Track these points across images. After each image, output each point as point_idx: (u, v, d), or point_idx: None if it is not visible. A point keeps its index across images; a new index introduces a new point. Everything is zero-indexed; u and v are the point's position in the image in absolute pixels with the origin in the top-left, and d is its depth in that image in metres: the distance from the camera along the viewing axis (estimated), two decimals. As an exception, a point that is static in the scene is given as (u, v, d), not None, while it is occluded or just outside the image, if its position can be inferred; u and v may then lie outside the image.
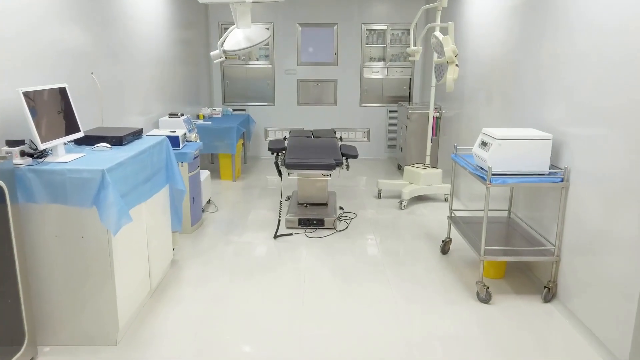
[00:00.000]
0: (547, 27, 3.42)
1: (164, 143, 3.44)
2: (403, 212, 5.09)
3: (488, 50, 4.55)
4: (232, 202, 5.39)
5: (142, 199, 3.03)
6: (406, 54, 7.40)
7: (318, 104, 7.53)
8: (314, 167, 4.17)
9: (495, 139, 3.16)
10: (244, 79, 7.46)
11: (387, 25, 7.26)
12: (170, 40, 5.45)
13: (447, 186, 5.37)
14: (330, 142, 4.76)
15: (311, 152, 4.47)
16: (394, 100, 7.52)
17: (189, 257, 3.92)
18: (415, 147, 6.39)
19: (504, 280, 3.55)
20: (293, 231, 4.50)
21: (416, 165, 5.50)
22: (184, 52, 6.00)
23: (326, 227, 4.56)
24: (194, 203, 4.45)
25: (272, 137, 7.65)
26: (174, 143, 4.30)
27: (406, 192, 5.15)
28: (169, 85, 5.41)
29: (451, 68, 4.07)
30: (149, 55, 4.81)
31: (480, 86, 4.77)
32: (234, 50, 4.58)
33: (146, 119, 4.71)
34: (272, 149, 4.56)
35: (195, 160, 4.46)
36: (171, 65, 5.50)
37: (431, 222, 4.79)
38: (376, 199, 5.56)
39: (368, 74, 7.42)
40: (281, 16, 7.24)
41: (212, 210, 5.11)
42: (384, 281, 3.52)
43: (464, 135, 5.29)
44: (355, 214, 5.00)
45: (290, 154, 4.41)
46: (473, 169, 3.37)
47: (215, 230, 4.52)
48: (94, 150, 2.96)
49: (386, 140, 7.63)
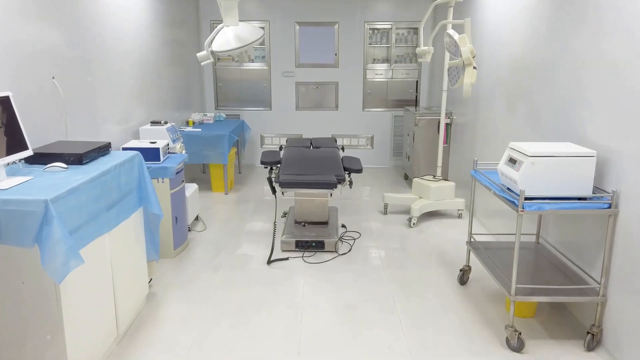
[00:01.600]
0: (587, 21, 2.91)
1: (136, 160, 2.93)
2: (412, 231, 4.57)
3: (508, 50, 4.04)
4: (223, 219, 4.88)
5: (105, 230, 2.52)
6: (412, 55, 6.89)
7: (318, 109, 7.02)
8: (312, 185, 3.65)
9: (527, 156, 2.65)
10: (238, 82, 6.95)
11: (392, 24, 6.75)
12: (154, 39, 4.95)
13: (461, 201, 4.85)
14: (331, 154, 4.24)
15: (309, 166, 3.95)
16: (400, 104, 7.01)
17: (169, 289, 3.41)
18: (423, 156, 5.88)
19: (535, 320, 3.03)
20: (289, 255, 3.98)
21: (426, 178, 4.99)
22: (171, 52, 5.50)
23: (327, 249, 4.04)
24: (177, 224, 3.94)
25: (268, 145, 7.13)
26: (154, 156, 3.79)
27: (416, 208, 4.63)
28: (152, 89, 4.90)
29: (468, 71, 3.55)
30: (129, 56, 4.30)
31: (498, 90, 4.26)
32: (223, 51, 4.07)
33: (124, 129, 4.20)
34: (265, 162, 4.03)
35: (178, 175, 3.95)
36: (156, 67, 4.99)
37: (445, 243, 4.27)
38: (382, 215, 5.04)
39: (371, 77, 6.91)
40: (278, 14, 6.73)
41: (199, 229, 4.59)
42: (395, 323, 3.00)
43: (479, 145, 4.77)
44: (359, 234, 4.48)
45: (285, 169, 3.89)
46: (499, 190, 2.85)
47: (202, 254, 4.00)
48: (45, 172, 2.45)
49: (391, 148, 7.12)
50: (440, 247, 4.18)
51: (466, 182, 5.15)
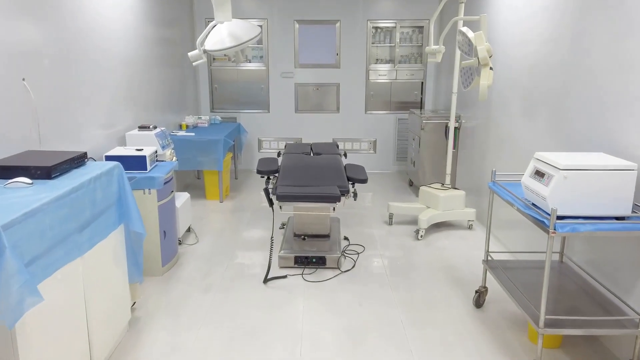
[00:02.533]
0: (621, 18, 2.59)
1: (115, 171, 2.61)
2: (420, 244, 4.25)
3: (526, 49, 3.72)
4: (217, 230, 4.55)
5: (76, 254, 2.19)
6: (416, 55, 6.56)
7: (318, 111, 6.70)
8: (312, 198, 3.31)
9: (558, 169, 2.33)
10: (234, 83, 6.63)
11: (396, 22, 6.43)
12: (145, 38, 4.62)
13: (471, 211, 4.53)
14: (333, 162, 3.92)
15: (310, 176, 3.63)
16: (404, 106, 6.68)
17: (155, 313, 3.08)
18: (430, 162, 5.56)
19: (562, 351, 2.71)
20: (288, 272, 3.66)
21: (434, 186, 4.66)
22: (163, 52, 5.17)
23: (328, 266, 3.72)
24: (165, 238, 3.61)
25: (265, 150, 6.81)
26: (140, 165, 3.46)
27: (424, 219, 4.31)
28: (142, 91, 4.58)
29: (485, 72, 3.23)
30: (115, 55, 3.98)
31: (514, 93, 3.93)
32: (216, 50, 3.75)
33: (109, 134, 3.88)
34: (262, 171, 3.71)
35: (167, 185, 3.63)
36: (146, 67, 4.67)
37: (456, 258, 3.95)
38: (387, 225, 4.72)
39: (374, 78, 6.59)
40: (276, 12, 6.41)
41: (191, 241, 4.26)
42: (405, 352, 2.68)
43: (491, 152, 4.45)
44: (363, 247, 4.16)
45: (283, 180, 3.56)
46: (523, 207, 2.53)
47: (192, 271, 3.68)
48: (6, 188, 2.12)
49: (395, 152, 6.80)
50: (451, 263, 3.86)
51: (475, 190, 4.83)
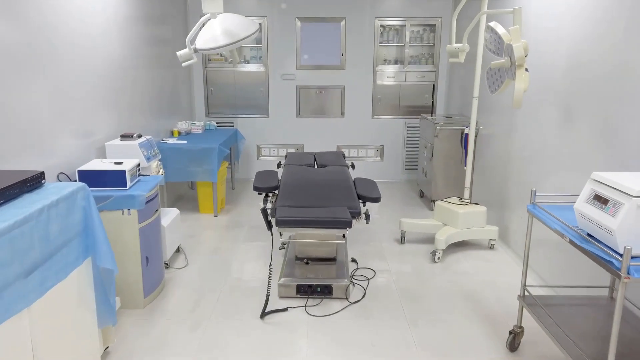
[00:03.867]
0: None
1: (78, 196, 2.14)
2: (437, 267, 3.78)
3: (561, 47, 3.25)
4: (210, 250, 4.08)
5: (21, 305, 1.73)
6: (427, 56, 6.10)
7: (321, 116, 6.23)
8: (319, 224, 2.83)
9: (629, 196, 1.86)
10: (231, 86, 6.16)
11: (406, 20, 5.96)
12: (130, 35, 4.16)
13: (493, 229, 4.06)
14: (341, 177, 3.44)
15: (314, 195, 3.15)
16: (414, 111, 6.22)
17: (132, 355, 2.61)
18: (444, 173, 5.09)
19: (623, 412, 2.24)
20: (289, 303, 3.19)
21: (451, 201, 4.19)
22: (153, 52, 4.71)
23: (335, 296, 3.25)
24: (148, 265, 3.14)
25: (265, 157, 6.33)
26: (118, 181, 2.99)
27: (441, 239, 3.84)
28: (126, 94, 4.11)
29: (520, 74, 2.76)
30: (95, 54, 3.51)
31: (545, 97, 3.47)
32: (209, 49, 3.29)
33: (85, 145, 3.41)
34: (260, 188, 3.24)
35: (151, 204, 3.16)
36: (133, 68, 4.20)
37: (479, 285, 3.48)
38: (399, 244, 4.25)
39: (382, 80, 6.13)
40: (277, 9, 5.94)
41: (180, 264, 3.79)
42: (432, 415, 2.21)
43: (516, 163, 3.98)
44: (374, 272, 3.69)
45: (284, 199, 3.08)
46: (580, 240, 2.06)
47: (179, 303, 3.21)
48: None
49: (403, 160, 6.33)
50: (475, 291, 3.39)
51: (495, 205, 4.35)
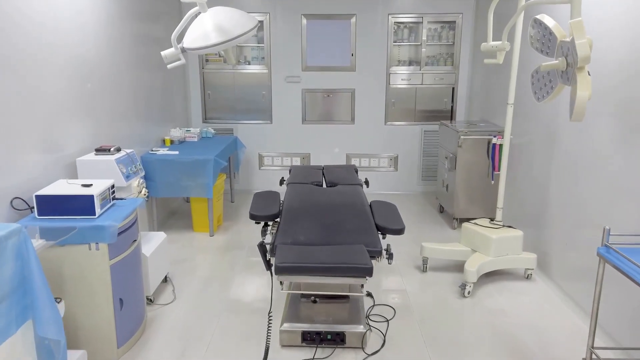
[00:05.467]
0: None
1: (10, 243, 1.60)
2: (467, 304, 3.22)
3: (622, 50, 2.69)
4: (203, 280, 3.54)
5: None
6: (446, 56, 5.53)
7: (329, 122, 5.68)
8: (330, 272, 2.25)
9: None
10: (231, 89, 5.62)
11: (422, 17, 5.40)
12: (114, 35, 3.63)
13: (531, 257, 3.50)
14: (355, 201, 2.88)
15: (324, 227, 2.58)
16: (431, 116, 5.65)
17: None
18: (468, 187, 4.52)
19: None
20: (294, 354, 2.64)
21: (481, 223, 3.63)
22: (142, 52, 4.18)
23: (349, 345, 2.69)
24: (122, 309, 2.60)
25: (267, 166, 5.79)
26: (85, 207, 2.46)
27: (472, 270, 3.27)
28: (107, 100, 3.58)
29: (582, 78, 2.20)
30: (66, 55, 2.98)
31: (600, 105, 2.90)
32: (199, 48, 2.76)
33: (52, 162, 2.87)
34: (257, 216, 2.68)
35: (126, 235, 2.62)
36: (116, 70, 3.67)
37: (519, 330, 2.91)
38: (420, 272, 3.69)
39: (396, 82, 5.57)
40: (280, 5, 5.40)
41: (166, 299, 3.25)
42: None
43: (559, 179, 3.41)
44: (394, 310, 3.13)
45: (285, 234, 2.49)
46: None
47: (161, 353, 2.66)
48: None
49: (419, 170, 5.76)
50: (514, 338, 2.82)
51: (527, 226, 3.78)
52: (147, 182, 4.19)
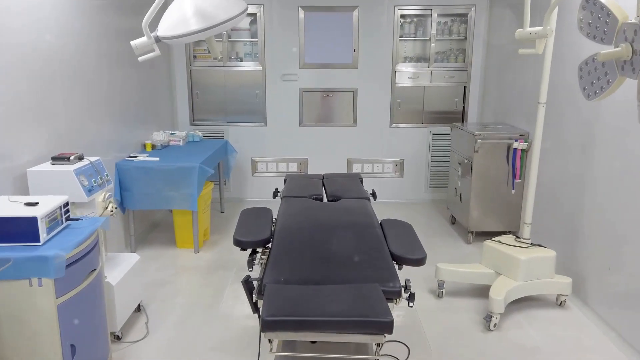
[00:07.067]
0: None
1: None
2: (493, 338, 2.73)
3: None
4: (182, 308, 3.05)
5: None
6: (457, 52, 5.05)
7: (329, 124, 5.20)
8: (337, 328, 1.69)
9: None
10: (221, 88, 5.13)
11: (431, 9, 4.93)
12: (84, 29, 3.14)
13: (566, 282, 3.01)
14: (364, 222, 2.39)
15: (325, 259, 2.07)
16: (441, 118, 5.17)
17: None
18: (485, 197, 4.04)
19: None
20: (286, 410, 2.15)
21: (505, 241, 3.14)
22: (118, 47, 3.68)
23: (355, 397, 2.20)
24: (74, 358, 2.10)
25: (261, 172, 5.29)
26: (27, 233, 1.96)
27: (498, 299, 2.78)
28: (71, 100, 3.08)
29: (654, 69, 1.72)
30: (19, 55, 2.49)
31: None
32: (176, 37, 2.31)
33: (2, 171, 2.38)
34: (242, 242, 2.17)
35: (79, 266, 2.11)
36: (85, 66, 3.18)
37: (561, 373, 2.43)
38: (435, 298, 3.21)
39: (402, 81, 5.08)
40: (275, -4, 4.92)
41: (137, 336, 2.75)
42: None
43: (597, 190, 2.93)
44: (407, 348, 2.63)
45: (276, 268, 1.96)
46: None
47: (125, 408, 2.17)
48: None
49: (427, 177, 5.28)
50: (557, 385, 2.33)
51: (558, 244, 3.30)
52: (123, 193, 3.70)
